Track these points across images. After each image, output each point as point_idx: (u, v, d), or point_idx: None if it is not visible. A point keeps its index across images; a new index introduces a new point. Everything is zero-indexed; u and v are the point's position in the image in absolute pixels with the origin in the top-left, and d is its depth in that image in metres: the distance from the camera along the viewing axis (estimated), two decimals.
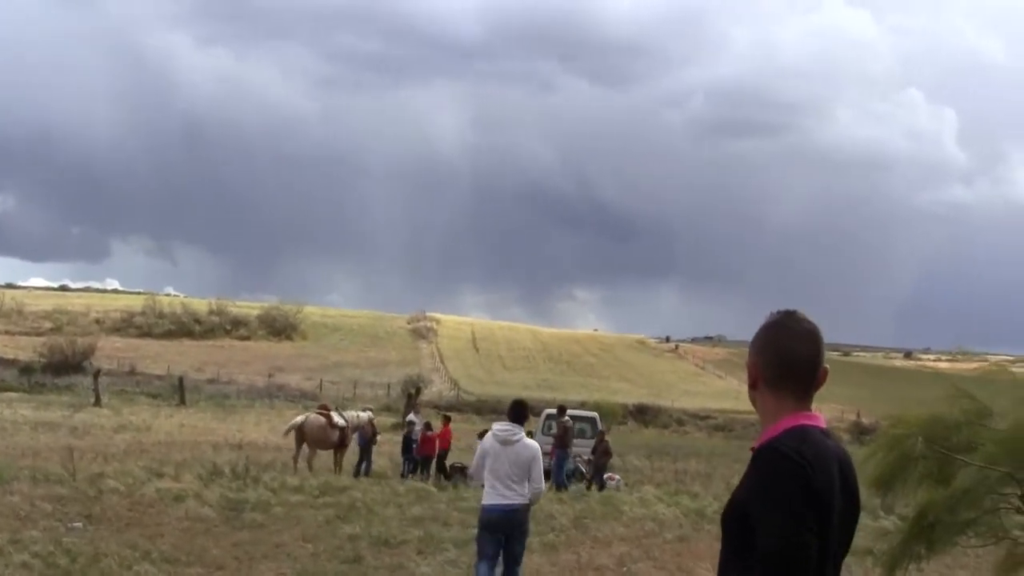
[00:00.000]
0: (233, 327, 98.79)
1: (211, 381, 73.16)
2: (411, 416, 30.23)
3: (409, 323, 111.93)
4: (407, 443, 28.69)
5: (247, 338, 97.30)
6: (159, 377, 71.50)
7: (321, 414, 28.14)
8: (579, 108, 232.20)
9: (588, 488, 26.13)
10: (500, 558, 11.16)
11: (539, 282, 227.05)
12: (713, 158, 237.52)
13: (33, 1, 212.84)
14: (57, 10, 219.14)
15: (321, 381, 74.00)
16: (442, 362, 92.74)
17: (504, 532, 10.93)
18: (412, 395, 54.41)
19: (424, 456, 28.48)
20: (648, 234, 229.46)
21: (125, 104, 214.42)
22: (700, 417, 74.16)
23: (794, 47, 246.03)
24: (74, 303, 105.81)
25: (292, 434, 28.15)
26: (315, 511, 18.46)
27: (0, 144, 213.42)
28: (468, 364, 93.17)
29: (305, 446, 27.30)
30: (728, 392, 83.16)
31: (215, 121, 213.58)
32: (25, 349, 78.80)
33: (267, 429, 41.69)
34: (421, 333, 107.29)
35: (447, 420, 31.47)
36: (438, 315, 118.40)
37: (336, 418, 27.83)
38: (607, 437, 30.44)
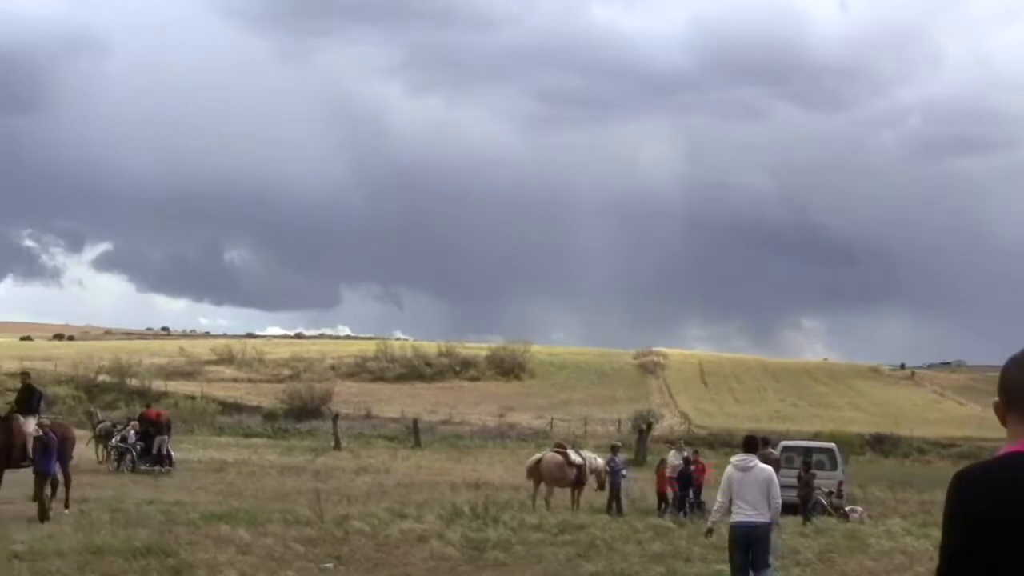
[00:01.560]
0: (462, 368, 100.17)
1: (444, 422, 74.31)
2: (684, 454, 30.01)
3: (636, 358, 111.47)
4: (686, 479, 28.41)
5: (477, 379, 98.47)
6: (394, 420, 73.00)
7: (558, 452, 28.29)
8: (791, 134, 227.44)
9: (804, 523, 25.48)
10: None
11: (762, 313, 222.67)
12: (934, 177, 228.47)
13: (254, 58, 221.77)
14: (276, 66, 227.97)
15: (552, 419, 74.33)
16: (671, 396, 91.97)
17: (749, 545, 12.86)
18: (644, 431, 54.20)
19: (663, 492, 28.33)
20: (871, 259, 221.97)
21: (345, 155, 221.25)
22: (942, 445, 71.39)
23: (1015, 57, 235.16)
24: (310, 350, 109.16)
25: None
26: (556, 549, 18.54)
27: (232, 199, 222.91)
28: (697, 398, 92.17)
29: (542, 484, 27.46)
30: (971, 419, 79.79)
31: (430, 166, 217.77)
32: (267, 396, 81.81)
33: (502, 469, 42.10)
34: (648, 368, 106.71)
35: (695, 454, 31.22)
36: (664, 349, 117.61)
37: (573, 456, 27.91)
38: (814, 470, 29.57)
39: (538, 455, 29.39)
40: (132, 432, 36.25)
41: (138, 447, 35.79)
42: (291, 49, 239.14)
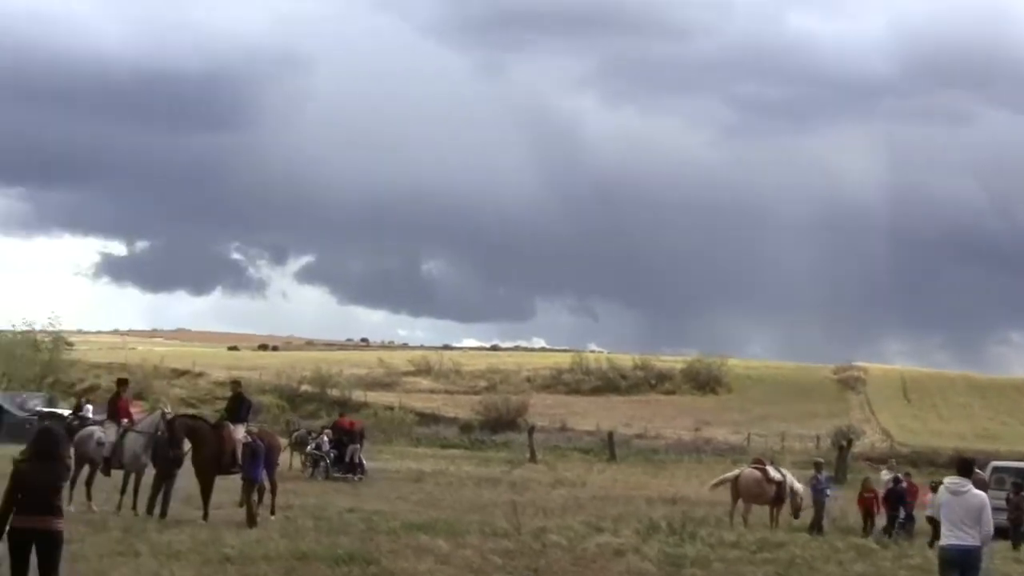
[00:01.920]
0: (658, 381, 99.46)
1: (639, 436, 73.91)
2: (895, 474, 29.33)
3: (835, 373, 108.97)
4: (897, 499, 27.73)
5: (672, 392, 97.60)
6: (589, 433, 72.91)
7: (757, 468, 27.90)
8: (1000, 139, 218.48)
9: (1015, 547, 24.40)
10: None
11: (968, 326, 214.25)
12: None
13: (450, 72, 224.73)
14: (472, 80, 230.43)
15: (749, 434, 73.27)
16: (872, 413, 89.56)
17: (960, 569, 12.78)
18: (844, 447, 52.99)
19: (866, 511, 27.68)
20: None
21: (539, 166, 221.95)
22: None
23: None
24: (505, 362, 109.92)
25: (725, 487, 28.07)
26: (755, 567, 18.25)
27: (430, 211, 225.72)
28: (899, 414, 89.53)
29: (740, 501, 27.09)
30: None
31: (624, 178, 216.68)
32: (463, 407, 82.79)
33: (698, 484, 41.62)
34: (848, 383, 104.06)
35: (907, 475, 30.39)
36: (865, 364, 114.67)
37: (772, 472, 27.49)
38: None
39: (736, 471, 29.07)
40: (326, 440, 37.32)
41: (331, 455, 36.79)
42: (486, 62, 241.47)
